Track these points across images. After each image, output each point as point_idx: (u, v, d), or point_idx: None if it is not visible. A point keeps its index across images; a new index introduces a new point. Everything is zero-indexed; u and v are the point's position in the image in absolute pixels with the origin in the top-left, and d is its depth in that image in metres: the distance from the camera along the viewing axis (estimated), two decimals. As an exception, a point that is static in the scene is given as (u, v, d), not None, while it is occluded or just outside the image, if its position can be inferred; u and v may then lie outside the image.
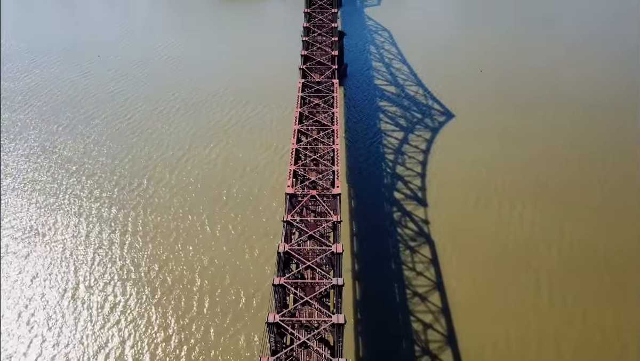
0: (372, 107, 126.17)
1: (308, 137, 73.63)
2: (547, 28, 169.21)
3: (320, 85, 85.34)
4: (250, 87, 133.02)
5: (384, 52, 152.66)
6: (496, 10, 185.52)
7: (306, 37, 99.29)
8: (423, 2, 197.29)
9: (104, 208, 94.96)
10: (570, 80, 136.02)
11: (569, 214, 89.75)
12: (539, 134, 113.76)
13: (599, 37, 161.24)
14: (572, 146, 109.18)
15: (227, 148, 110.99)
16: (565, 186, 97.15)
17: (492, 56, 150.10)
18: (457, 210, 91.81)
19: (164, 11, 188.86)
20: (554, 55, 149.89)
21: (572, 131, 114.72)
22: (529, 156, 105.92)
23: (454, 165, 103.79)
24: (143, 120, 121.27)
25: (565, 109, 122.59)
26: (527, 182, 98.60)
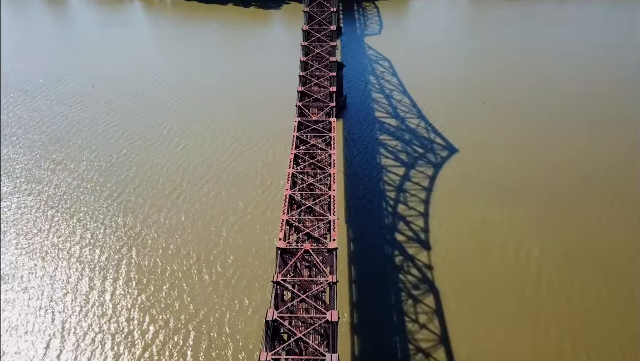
0: (372, 140, 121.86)
1: (303, 182, 68.88)
2: (548, 55, 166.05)
3: (318, 124, 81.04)
4: (248, 118, 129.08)
5: (384, 83, 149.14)
6: (498, 39, 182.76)
7: (303, 71, 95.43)
8: (424, 31, 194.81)
9: (87, 249, 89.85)
10: (575, 108, 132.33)
11: (585, 267, 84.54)
12: (548, 170, 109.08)
13: (599, 61, 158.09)
14: (585, 179, 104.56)
15: (221, 184, 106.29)
16: (582, 230, 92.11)
17: (494, 87, 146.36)
18: (462, 254, 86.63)
19: (162, 40, 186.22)
20: (558, 84, 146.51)
21: (583, 163, 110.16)
22: (538, 195, 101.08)
23: (458, 204, 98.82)
24: (136, 154, 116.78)
25: (573, 141, 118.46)
26: (538, 222, 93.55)
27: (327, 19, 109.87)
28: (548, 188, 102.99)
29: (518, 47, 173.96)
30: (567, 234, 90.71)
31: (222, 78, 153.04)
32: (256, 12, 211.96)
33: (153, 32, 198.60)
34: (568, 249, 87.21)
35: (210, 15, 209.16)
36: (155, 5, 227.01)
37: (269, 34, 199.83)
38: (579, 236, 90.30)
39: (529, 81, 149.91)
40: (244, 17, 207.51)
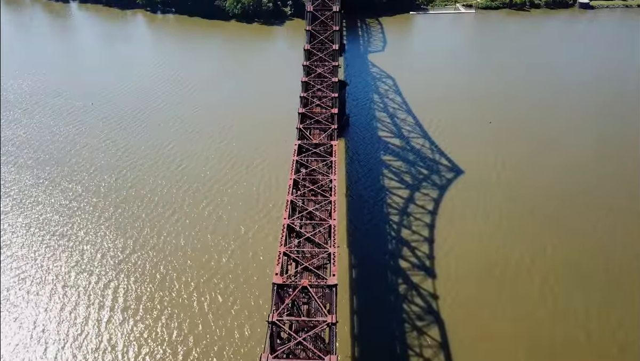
0: (376, 161, 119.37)
1: (303, 209, 66.32)
2: (554, 71, 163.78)
3: (319, 147, 78.67)
4: (250, 138, 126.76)
5: (387, 101, 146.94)
6: (503, 55, 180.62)
7: (304, 92, 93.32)
8: (429, 48, 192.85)
9: (82, 276, 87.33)
10: (581, 128, 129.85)
11: (597, 291, 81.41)
12: (556, 193, 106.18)
13: (601, 79, 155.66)
14: (594, 209, 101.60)
15: (222, 207, 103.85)
16: (591, 255, 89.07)
17: (500, 105, 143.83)
18: (469, 283, 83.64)
19: (165, 56, 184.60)
20: (564, 101, 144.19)
21: (594, 188, 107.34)
22: (547, 220, 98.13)
23: (464, 229, 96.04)
24: (135, 174, 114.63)
25: (581, 163, 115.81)
26: (546, 250, 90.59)
27: (329, 38, 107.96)
28: (559, 212, 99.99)
29: (523, 63, 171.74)
30: (577, 261, 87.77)
31: (224, 96, 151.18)
32: (259, 28, 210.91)
33: (155, 48, 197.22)
34: (577, 277, 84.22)
35: (213, 32, 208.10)
36: (158, 20, 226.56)
37: (272, 50, 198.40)
38: (591, 266, 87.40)
39: (535, 98, 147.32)
40: (247, 33, 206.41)
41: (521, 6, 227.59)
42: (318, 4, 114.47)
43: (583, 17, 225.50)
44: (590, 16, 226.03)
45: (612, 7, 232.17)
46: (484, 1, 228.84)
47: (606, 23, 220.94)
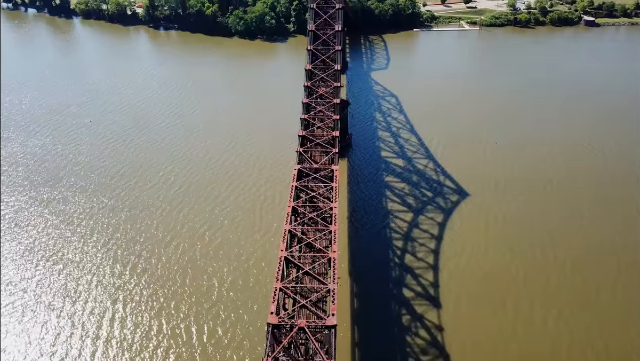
0: (379, 182, 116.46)
1: (302, 240, 63.36)
2: (560, 89, 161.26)
3: (319, 172, 75.88)
4: (251, 157, 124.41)
5: (390, 120, 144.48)
6: (509, 73, 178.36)
7: (305, 114, 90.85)
8: (433, 65, 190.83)
9: (75, 304, 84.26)
10: (589, 148, 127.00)
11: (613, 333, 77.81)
12: (568, 219, 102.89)
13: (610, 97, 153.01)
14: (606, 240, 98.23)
15: (220, 230, 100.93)
16: (606, 293, 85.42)
17: (506, 124, 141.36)
18: (475, 314, 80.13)
19: (166, 73, 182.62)
20: (570, 119, 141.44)
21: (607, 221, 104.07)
22: (557, 246, 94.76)
23: (471, 257, 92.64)
24: (131, 196, 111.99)
25: (589, 186, 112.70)
26: (556, 280, 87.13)
27: (331, 58, 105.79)
28: (567, 241, 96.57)
29: (528, 80, 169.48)
30: (589, 296, 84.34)
31: (225, 114, 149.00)
32: (262, 44, 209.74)
33: (157, 64, 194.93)
34: (590, 311, 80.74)
35: (215, 48, 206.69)
36: (160, 36, 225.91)
37: (274, 67, 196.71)
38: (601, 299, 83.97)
39: (541, 117, 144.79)
40: (249, 49, 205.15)
41: (525, 23, 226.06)
42: (320, 22, 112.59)
43: (588, 35, 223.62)
44: (595, 33, 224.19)
45: (618, 24, 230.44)
46: (488, 18, 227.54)
47: (611, 40, 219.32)
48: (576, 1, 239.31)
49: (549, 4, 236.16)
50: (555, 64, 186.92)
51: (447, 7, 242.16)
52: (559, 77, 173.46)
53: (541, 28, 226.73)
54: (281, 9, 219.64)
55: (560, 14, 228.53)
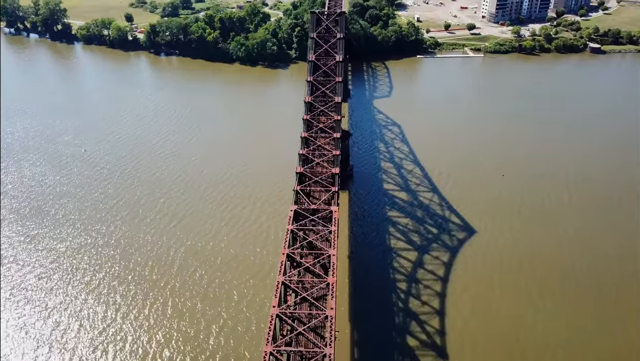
0: (381, 217, 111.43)
1: (297, 293, 58.08)
2: (567, 119, 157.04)
3: (317, 213, 70.95)
4: (248, 191, 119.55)
5: (393, 151, 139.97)
6: (515, 100, 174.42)
7: (304, 149, 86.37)
8: (437, 93, 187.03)
9: (53, 354, 78.65)
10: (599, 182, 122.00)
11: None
12: (581, 261, 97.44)
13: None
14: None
15: (215, 269, 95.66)
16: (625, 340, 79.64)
17: (513, 156, 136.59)
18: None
19: (165, 100, 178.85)
20: (579, 149, 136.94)
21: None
22: (569, 291, 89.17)
23: (480, 300, 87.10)
24: (124, 231, 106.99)
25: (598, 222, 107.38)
26: (569, 326, 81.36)
27: (332, 89, 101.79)
28: (581, 286, 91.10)
29: (535, 109, 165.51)
30: (606, 344, 78.54)
31: (223, 143, 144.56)
32: (263, 71, 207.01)
33: (156, 90, 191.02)
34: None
35: (216, 75, 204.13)
36: (161, 62, 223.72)
37: (275, 94, 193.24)
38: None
39: (547, 146, 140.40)
40: (250, 76, 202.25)
41: (530, 50, 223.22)
42: (321, 52, 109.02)
43: (594, 62, 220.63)
44: (601, 60, 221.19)
45: (624, 51, 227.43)
46: (493, 45, 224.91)
47: (617, 67, 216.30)
48: (581, 28, 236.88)
49: (554, 31, 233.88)
50: (561, 90, 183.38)
51: (450, 33, 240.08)
52: (565, 104, 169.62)
53: (546, 55, 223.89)
54: (283, 35, 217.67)
55: (566, 41, 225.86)
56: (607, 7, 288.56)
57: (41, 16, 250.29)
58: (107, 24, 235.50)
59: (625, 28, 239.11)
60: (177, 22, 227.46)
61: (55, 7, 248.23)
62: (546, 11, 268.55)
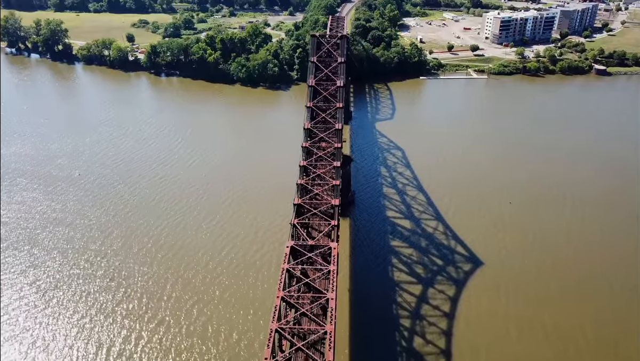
0: (384, 247, 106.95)
1: (292, 345, 53.54)
2: (574, 143, 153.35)
3: (315, 250, 66.68)
4: (245, 221, 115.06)
5: (396, 176, 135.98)
6: (520, 123, 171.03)
7: (302, 179, 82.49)
8: (441, 115, 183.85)
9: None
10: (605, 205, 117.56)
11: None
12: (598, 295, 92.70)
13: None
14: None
15: (211, 305, 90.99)
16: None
17: (519, 180, 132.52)
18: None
19: (164, 122, 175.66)
20: (581, 173, 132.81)
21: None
22: (589, 333, 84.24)
23: (488, 340, 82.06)
24: (116, 262, 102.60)
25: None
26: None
27: (332, 115, 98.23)
28: (599, 325, 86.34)
29: (540, 131, 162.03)
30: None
31: (223, 167, 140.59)
32: (264, 92, 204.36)
33: (155, 112, 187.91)
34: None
35: (217, 96, 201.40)
36: (161, 83, 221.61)
37: (276, 116, 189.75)
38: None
39: (554, 172, 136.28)
40: (251, 97, 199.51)
41: (535, 72, 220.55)
42: (321, 77, 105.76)
43: (600, 83, 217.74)
44: (607, 82, 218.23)
45: (630, 73, 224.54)
46: (496, 67, 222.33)
47: (622, 89, 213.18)
48: (586, 50, 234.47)
49: (559, 52, 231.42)
50: (567, 113, 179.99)
51: (454, 54, 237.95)
52: (570, 127, 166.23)
53: (551, 77, 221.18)
54: (284, 56, 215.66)
55: (571, 63, 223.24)
56: (611, 28, 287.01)
57: (42, 36, 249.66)
58: (108, 45, 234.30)
59: (630, 49, 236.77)
60: (178, 42, 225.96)
61: (57, 28, 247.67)
62: (550, 32, 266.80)
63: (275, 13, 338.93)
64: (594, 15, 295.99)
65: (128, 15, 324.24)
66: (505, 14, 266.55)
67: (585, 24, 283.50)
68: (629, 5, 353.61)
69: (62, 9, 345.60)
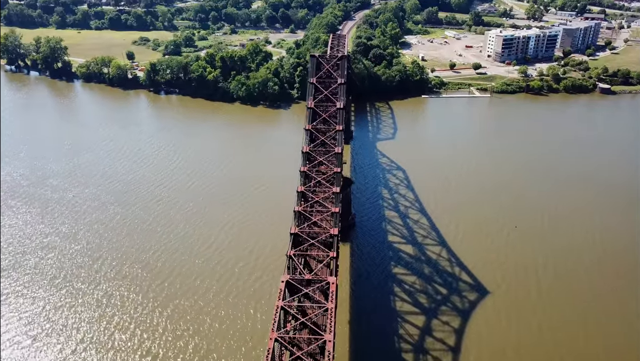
0: (385, 274, 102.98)
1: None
2: (570, 163, 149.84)
3: (311, 285, 62.75)
4: (249, 244, 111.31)
5: (398, 198, 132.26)
6: (525, 144, 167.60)
7: (300, 205, 78.83)
8: (443, 135, 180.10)
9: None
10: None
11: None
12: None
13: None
14: None
15: (205, 340, 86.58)
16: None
17: (525, 204, 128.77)
18: None
19: (162, 143, 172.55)
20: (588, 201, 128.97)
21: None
22: None
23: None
24: (108, 290, 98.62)
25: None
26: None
27: (332, 138, 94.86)
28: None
29: (544, 153, 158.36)
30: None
31: (222, 187, 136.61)
32: (264, 111, 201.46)
33: (156, 130, 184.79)
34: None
35: (216, 115, 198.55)
36: (161, 101, 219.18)
37: (277, 136, 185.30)
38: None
39: (561, 196, 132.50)
40: (251, 116, 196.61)
41: (538, 91, 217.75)
42: (321, 98, 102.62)
43: (604, 102, 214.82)
44: (611, 101, 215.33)
45: (635, 92, 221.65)
46: (499, 85, 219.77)
47: (628, 107, 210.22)
48: (589, 68, 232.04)
49: (562, 70, 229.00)
50: (571, 133, 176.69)
51: (456, 73, 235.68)
52: (575, 149, 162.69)
53: (555, 95, 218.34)
54: (285, 74, 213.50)
55: (575, 81, 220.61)
56: (614, 46, 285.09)
57: (42, 54, 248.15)
58: (107, 62, 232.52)
59: (634, 68, 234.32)
60: (178, 60, 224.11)
61: (56, 45, 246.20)
62: (553, 50, 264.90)
63: (276, 30, 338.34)
64: (597, 33, 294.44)
65: (129, 33, 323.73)
66: (507, 32, 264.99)
67: (587, 42, 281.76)
68: (631, 23, 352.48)
69: (64, 26, 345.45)
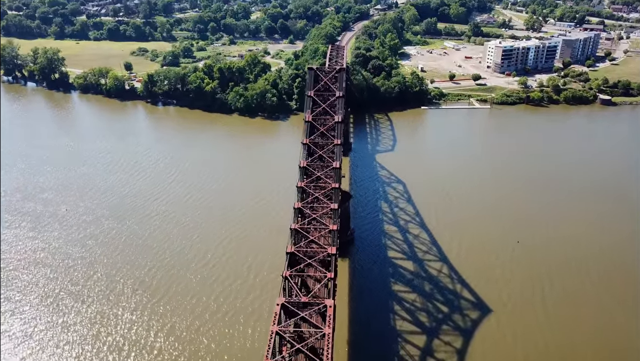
0: (385, 291, 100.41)
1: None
2: (573, 175, 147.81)
3: (308, 308, 60.19)
4: (248, 260, 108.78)
5: (397, 212, 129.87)
6: (523, 160, 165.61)
7: (297, 223, 76.46)
8: (443, 147, 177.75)
9: None
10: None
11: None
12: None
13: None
14: None
15: (203, 359, 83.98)
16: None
17: (527, 219, 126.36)
18: None
19: (159, 156, 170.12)
20: (593, 212, 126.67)
21: None
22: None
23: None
24: (100, 309, 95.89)
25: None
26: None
27: (330, 152, 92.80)
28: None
29: (545, 166, 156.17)
30: None
31: (219, 200, 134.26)
32: (262, 122, 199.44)
33: (154, 142, 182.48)
34: None
35: (213, 126, 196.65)
36: (158, 112, 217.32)
37: (275, 147, 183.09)
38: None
39: (564, 210, 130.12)
40: (249, 127, 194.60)
41: (538, 102, 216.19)
42: (319, 111, 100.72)
43: (605, 113, 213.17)
44: (612, 112, 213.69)
45: (635, 103, 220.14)
46: (499, 96, 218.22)
47: (629, 118, 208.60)
48: (590, 79, 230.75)
49: (562, 81, 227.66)
50: (572, 146, 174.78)
51: (455, 84, 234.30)
52: (577, 162, 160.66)
53: (555, 107, 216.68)
54: (283, 85, 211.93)
55: (575, 93, 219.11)
56: (614, 57, 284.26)
57: (39, 65, 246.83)
58: (105, 73, 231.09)
59: (634, 79, 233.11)
60: (175, 71, 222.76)
61: (53, 56, 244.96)
62: (552, 61, 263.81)
63: (275, 41, 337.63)
64: (596, 44, 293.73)
65: (128, 44, 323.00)
66: (507, 43, 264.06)
67: (587, 53, 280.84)
68: (630, 34, 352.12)
69: (63, 37, 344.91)
